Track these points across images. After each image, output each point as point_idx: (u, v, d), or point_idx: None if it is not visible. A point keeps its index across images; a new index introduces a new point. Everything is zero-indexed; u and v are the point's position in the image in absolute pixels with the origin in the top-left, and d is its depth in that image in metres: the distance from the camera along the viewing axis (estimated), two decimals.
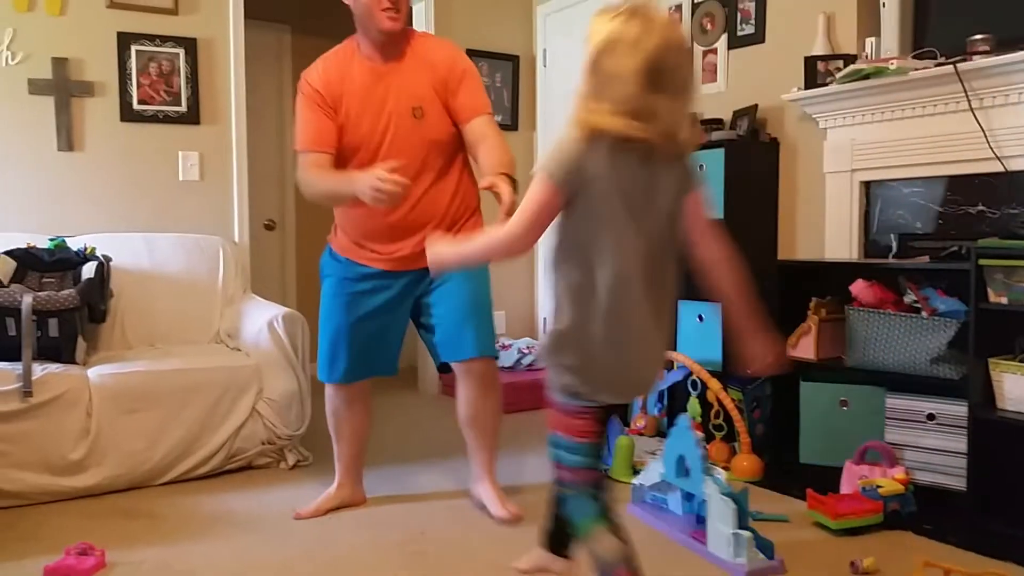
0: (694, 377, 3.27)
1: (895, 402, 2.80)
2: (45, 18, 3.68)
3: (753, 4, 3.69)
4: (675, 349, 3.51)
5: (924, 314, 2.75)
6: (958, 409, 2.62)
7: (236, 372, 3.15)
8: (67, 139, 3.74)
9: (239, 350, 3.40)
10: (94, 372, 2.97)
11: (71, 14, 3.74)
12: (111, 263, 3.42)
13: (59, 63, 3.70)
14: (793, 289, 3.13)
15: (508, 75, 4.97)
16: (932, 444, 2.71)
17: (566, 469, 1.64)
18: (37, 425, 2.80)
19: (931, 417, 2.71)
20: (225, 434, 3.09)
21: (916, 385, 2.77)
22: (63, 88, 3.71)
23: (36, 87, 3.66)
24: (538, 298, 5.12)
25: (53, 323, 2.98)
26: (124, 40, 3.83)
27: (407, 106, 2.45)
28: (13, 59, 3.62)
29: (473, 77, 2.53)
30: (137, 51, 3.85)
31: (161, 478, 3.00)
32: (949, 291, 2.81)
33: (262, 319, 3.31)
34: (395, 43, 2.45)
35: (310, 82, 2.47)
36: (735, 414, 3.05)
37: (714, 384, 3.11)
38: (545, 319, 5.08)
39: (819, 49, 3.36)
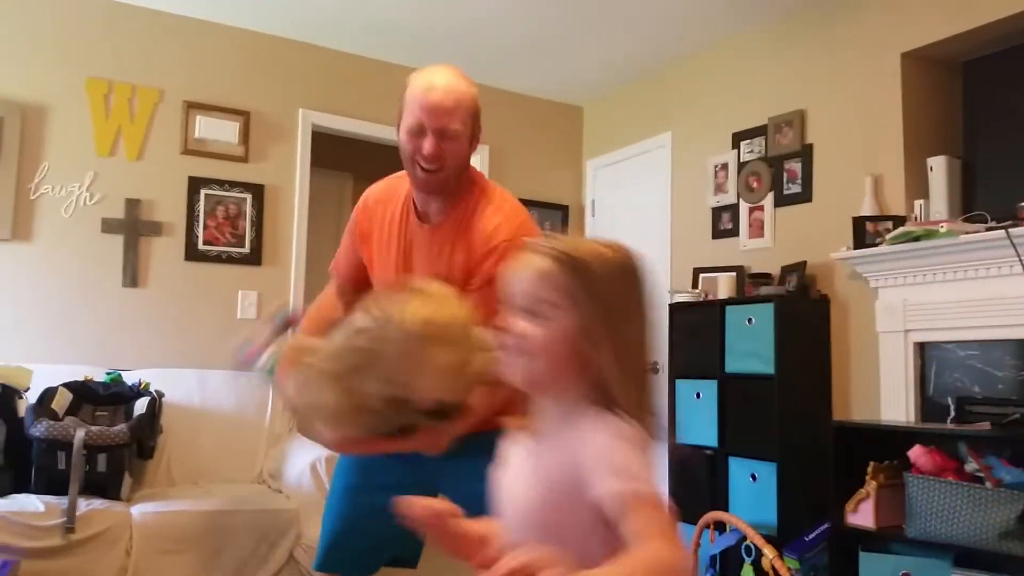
0: (748, 542, 3.14)
1: None
2: (124, 162, 3.92)
3: (799, 165, 3.79)
4: (727, 509, 3.39)
5: (988, 484, 2.64)
6: None
7: (276, 516, 3.11)
8: (132, 276, 3.88)
9: (280, 492, 3.37)
10: (137, 510, 2.96)
11: (147, 158, 3.97)
12: (163, 398, 3.47)
13: (132, 204, 3.90)
14: (849, 451, 3.04)
15: (558, 223, 5.10)
16: None
17: None
18: (76, 562, 2.77)
19: None
20: None
21: (984, 561, 2.63)
22: (133, 227, 3.90)
23: (108, 226, 3.85)
24: None
25: (102, 458, 3.00)
26: (195, 184, 4.04)
27: (431, 277, 1.77)
28: (91, 200, 3.83)
29: (504, 257, 1.70)
30: (206, 194, 4.06)
31: None
32: (1014, 460, 2.71)
33: (305, 461, 3.29)
34: (442, 197, 1.84)
35: (363, 202, 1.99)
36: None
37: (769, 551, 2.97)
38: None
39: (867, 210, 3.41)
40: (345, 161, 5.54)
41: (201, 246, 4.04)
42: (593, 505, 1.04)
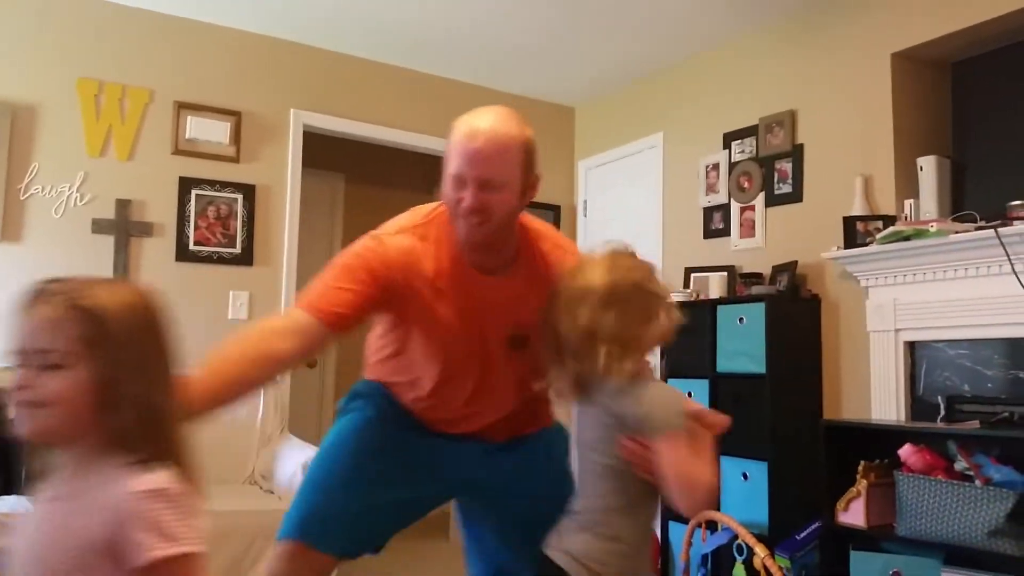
0: (739, 541, 3.15)
1: None
2: (114, 163, 3.90)
3: (790, 165, 3.80)
4: (718, 508, 3.40)
5: (978, 483, 2.65)
6: None
7: (266, 517, 3.09)
8: (123, 276, 3.87)
9: (272, 492, 3.36)
10: None
11: (138, 159, 3.96)
12: None
13: (122, 204, 3.89)
14: (840, 450, 3.05)
15: (550, 224, 5.10)
16: None
17: None
18: None
19: None
20: None
21: (974, 559, 2.64)
22: (124, 228, 3.88)
23: (99, 226, 3.84)
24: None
25: None
26: (186, 185, 4.03)
27: (504, 333, 1.76)
28: (81, 200, 3.81)
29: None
30: (197, 195, 4.04)
31: None
32: (1003, 459, 2.72)
33: (296, 461, 3.29)
34: (496, 249, 1.74)
35: (389, 249, 1.70)
36: None
37: (761, 550, 2.98)
38: None
39: (857, 209, 3.42)
40: (337, 161, 5.53)
41: (192, 247, 4.02)
42: (130, 571, 1.03)
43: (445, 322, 1.72)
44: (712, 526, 3.34)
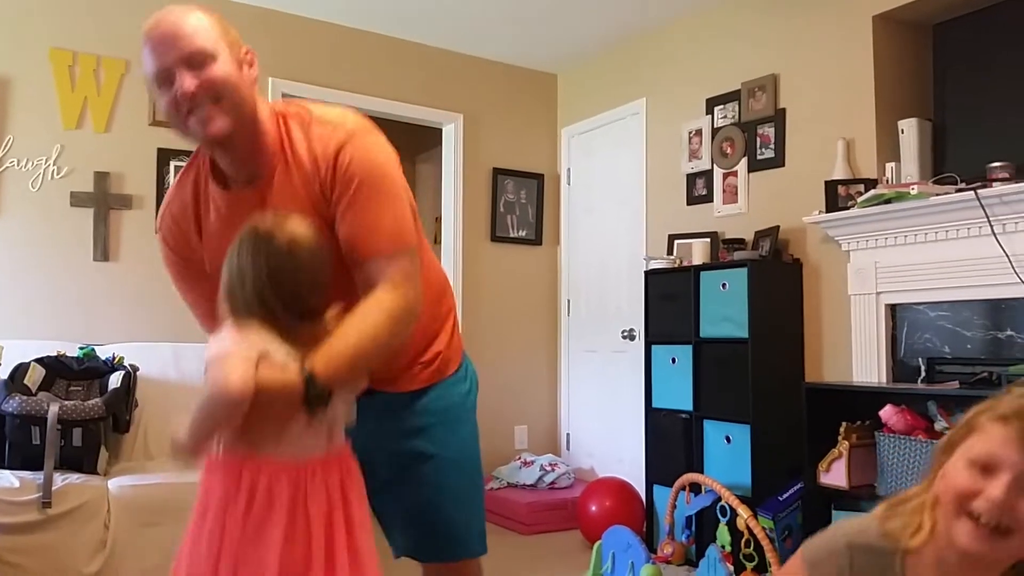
0: (723, 503, 3.19)
1: None
2: (91, 135, 3.85)
3: (772, 130, 3.80)
4: (702, 472, 3.44)
5: None
6: None
7: None
8: (103, 250, 3.84)
9: None
10: (114, 483, 2.95)
11: (115, 131, 3.91)
12: (138, 372, 3.45)
13: (101, 177, 3.84)
14: (821, 412, 3.09)
15: (533, 192, 5.09)
16: None
17: None
18: (54, 537, 2.77)
19: None
20: None
21: None
22: (103, 201, 3.84)
23: (77, 199, 3.79)
24: (561, 411, 5.08)
25: (77, 433, 2.98)
26: (164, 156, 3.98)
27: None
28: (59, 173, 3.76)
29: (369, 181, 1.48)
30: (176, 166, 4.00)
31: None
32: None
33: None
34: (244, 150, 1.50)
35: (171, 205, 1.63)
36: (766, 543, 2.95)
37: (744, 511, 3.03)
38: (568, 434, 5.03)
39: (839, 173, 3.43)
40: None
41: None
42: None
43: (210, 252, 1.57)
44: (696, 488, 3.38)
